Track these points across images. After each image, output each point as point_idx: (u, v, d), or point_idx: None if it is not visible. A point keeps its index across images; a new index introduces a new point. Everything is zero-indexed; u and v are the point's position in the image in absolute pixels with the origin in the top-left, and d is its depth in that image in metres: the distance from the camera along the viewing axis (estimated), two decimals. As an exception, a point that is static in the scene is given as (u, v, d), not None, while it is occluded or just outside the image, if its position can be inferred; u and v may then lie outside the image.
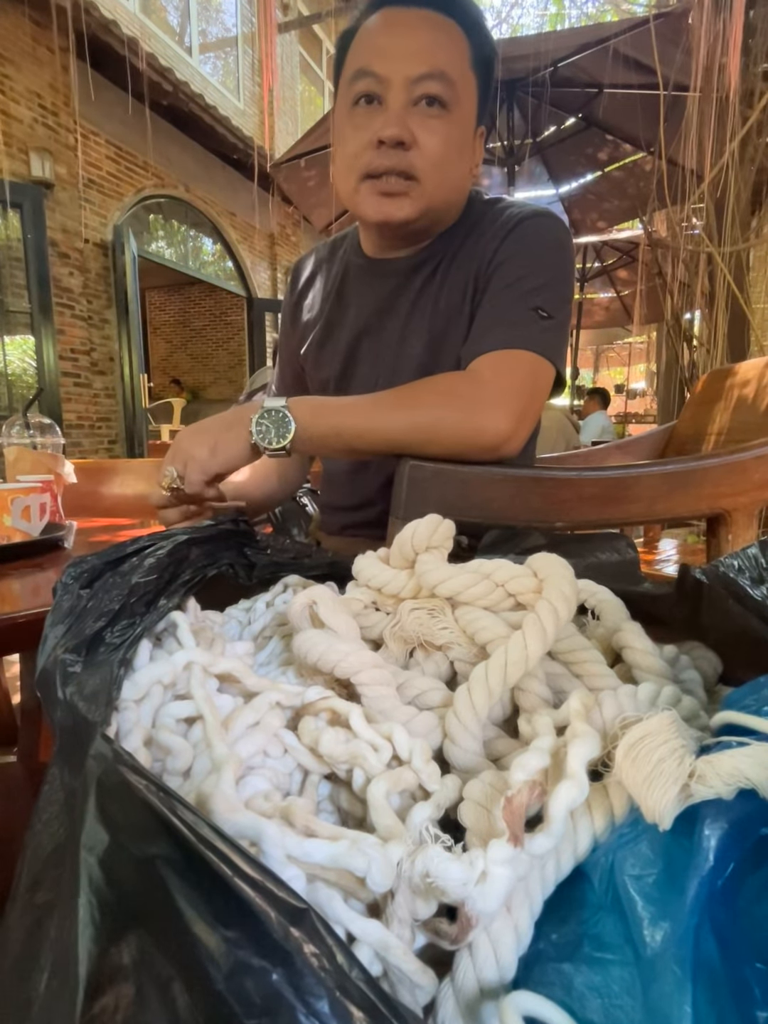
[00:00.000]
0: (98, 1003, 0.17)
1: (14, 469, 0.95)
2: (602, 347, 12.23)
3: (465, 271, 0.79)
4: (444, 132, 0.71)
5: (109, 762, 0.22)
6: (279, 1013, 0.16)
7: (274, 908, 0.17)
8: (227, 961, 0.17)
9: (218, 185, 6.78)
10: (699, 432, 1.34)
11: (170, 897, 0.18)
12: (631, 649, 0.38)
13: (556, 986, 0.22)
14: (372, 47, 0.71)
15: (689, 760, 0.24)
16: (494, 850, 0.23)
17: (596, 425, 5.35)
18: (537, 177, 4.16)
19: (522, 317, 0.72)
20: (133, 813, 0.20)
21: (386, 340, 0.85)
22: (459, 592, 0.38)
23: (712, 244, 2.96)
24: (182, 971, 0.17)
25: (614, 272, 6.37)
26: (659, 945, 0.19)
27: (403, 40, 0.70)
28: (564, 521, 0.68)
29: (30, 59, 4.53)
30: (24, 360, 4.87)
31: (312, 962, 0.17)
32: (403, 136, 0.69)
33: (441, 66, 0.69)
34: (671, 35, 2.64)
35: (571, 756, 0.27)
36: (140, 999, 0.17)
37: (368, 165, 0.72)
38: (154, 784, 0.20)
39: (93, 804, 0.21)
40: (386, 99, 0.70)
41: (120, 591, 0.35)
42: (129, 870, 0.19)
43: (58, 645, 0.31)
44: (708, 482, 0.74)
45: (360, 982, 0.17)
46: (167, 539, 0.41)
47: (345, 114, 0.74)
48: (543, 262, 0.75)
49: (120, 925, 0.18)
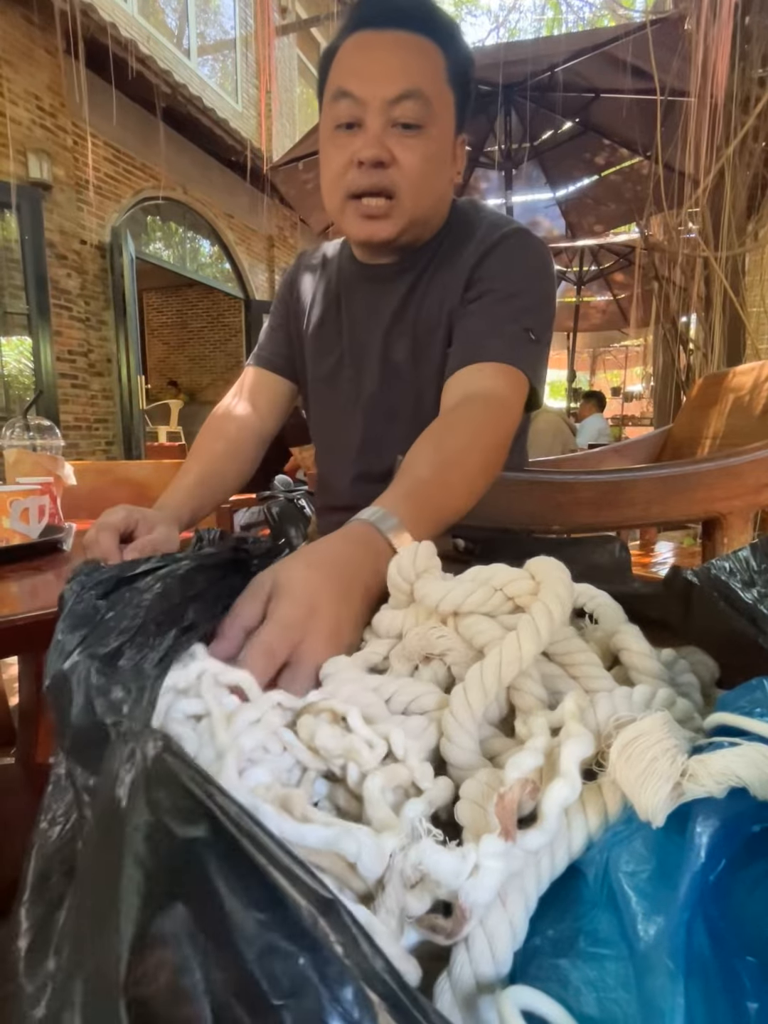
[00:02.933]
0: (144, 963, 0.18)
1: (14, 471, 0.96)
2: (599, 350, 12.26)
3: (449, 277, 0.81)
4: (422, 150, 0.73)
5: (157, 750, 0.23)
6: (305, 996, 0.17)
7: (304, 897, 0.18)
8: (258, 942, 0.17)
9: (216, 187, 6.80)
10: (695, 436, 1.35)
11: (208, 878, 0.19)
12: (628, 651, 0.38)
13: (553, 981, 0.22)
14: (349, 68, 0.73)
15: (682, 759, 0.25)
16: (486, 844, 0.24)
17: (592, 428, 5.37)
18: (534, 181, 4.18)
19: (516, 336, 0.74)
20: (177, 798, 0.21)
21: (371, 346, 0.87)
22: (461, 603, 0.38)
23: (708, 248, 2.98)
24: (218, 946, 0.18)
25: (611, 275, 6.40)
26: (652, 939, 0.20)
27: (378, 61, 0.72)
28: (560, 524, 0.69)
29: (28, 61, 4.53)
30: (21, 361, 4.87)
31: (338, 950, 0.17)
32: (381, 156, 0.71)
33: (417, 85, 0.71)
34: (668, 40, 2.65)
35: (564, 755, 0.28)
36: (182, 965, 0.18)
37: (350, 184, 0.74)
38: (197, 773, 0.21)
39: (143, 789, 0.22)
40: (364, 121, 0.72)
41: (138, 610, 0.36)
42: (171, 850, 0.20)
43: (76, 650, 0.32)
44: (703, 486, 0.75)
45: (384, 973, 0.17)
46: (178, 563, 0.42)
47: (328, 135, 0.76)
48: (534, 285, 0.78)
49: (162, 899, 0.19)
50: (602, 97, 3.24)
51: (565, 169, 4.03)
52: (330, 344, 0.91)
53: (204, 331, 9.92)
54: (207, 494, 0.85)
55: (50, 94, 4.72)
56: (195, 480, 0.85)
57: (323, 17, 6.21)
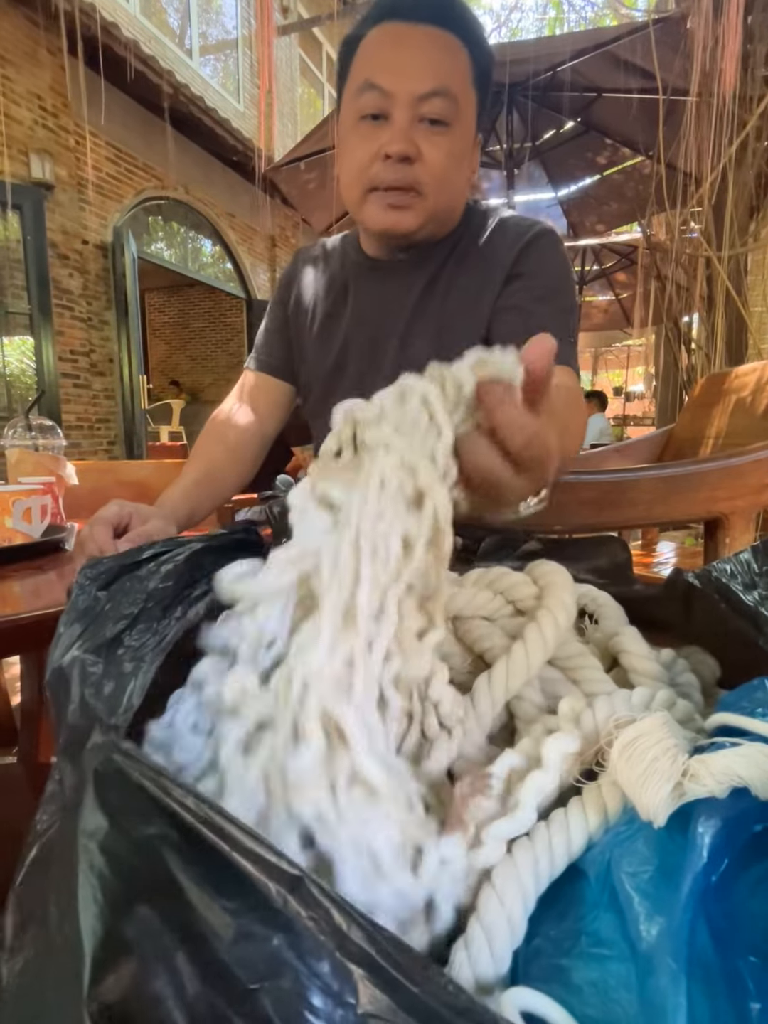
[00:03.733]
0: (105, 978, 0.18)
1: (16, 471, 0.96)
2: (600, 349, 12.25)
3: (478, 274, 0.81)
4: (447, 147, 0.73)
5: (106, 751, 0.23)
6: (282, 976, 0.17)
7: (270, 877, 0.18)
8: (229, 931, 0.17)
9: (218, 187, 6.80)
10: (697, 436, 1.35)
11: (170, 874, 0.19)
12: (627, 653, 0.38)
13: (554, 982, 0.22)
14: (378, 61, 0.73)
15: (683, 759, 0.25)
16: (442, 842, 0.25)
17: (595, 428, 5.36)
18: (536, 180, 4.17)
19: (562, 336, 0.75)
20: (130, 798, 0.21)
21: (383, 340, 0.86)
22: (461, 608, 0.38)
23: (710, 248, 2.97)
24: (186, 943, 0.18)
25: (613, 275, 6.38)
26: (654, 939, 0.20)
27: (409, 57, 0.71)
28: (562, 525, 0.69)
29: (31, 61, 4.53)
30: (23, 361, 4.88)
31: (310, 925, 0.17)
32: (409, 152, 0.71)
33: (445, 83, 0.71)
34: (670, 40, 2.65)
35: (545, 747, 0.28)
36: (146, 971, 0.17)
37: (375, 178, 0.74)
38: (149, 768, 0.21)
39: (91, 791, 0.22)
40: (392, 114, 0.72)
41: (138, 595, 0.35)
42: (129, 851, 0.20)
43: (74, 644, 0.31)
44: (706, 486, 0.74)
45: (359, 940, 0.17)
46: (182, 546, 0.42)
47: (351, 124, 0.76)
48: (568, 287, 0.80)
49: (123, 904, 0.19)
50: (604, 96, 3.23)
51: (567, 168, 4.02)
52: (335, 338, 0.90)
53: (206, 331, 9.92)
54: (205, 496, 0.85)
55: (52, 94, 4.72)
56: (193, 482, 0.85)
57: (324, 17, 6.20)
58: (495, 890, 0.25)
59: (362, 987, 0.16)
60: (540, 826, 0.27)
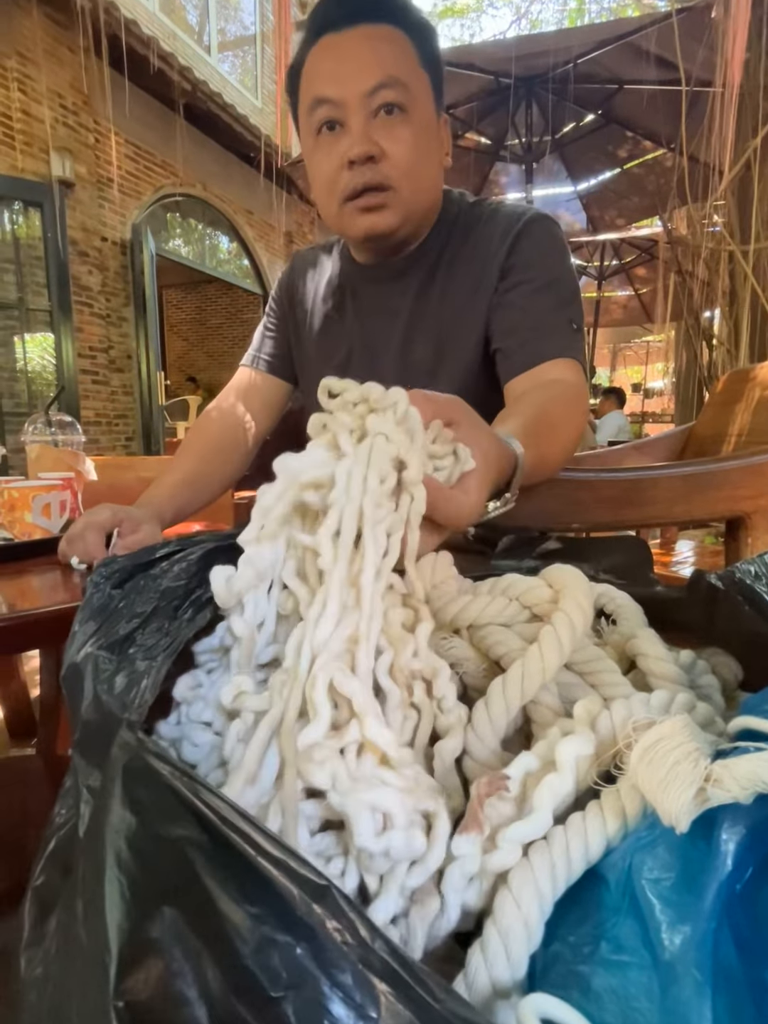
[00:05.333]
0: (131, 976, 0.18)
1: (36, 466, 0.97)
2: (619, 345, 12.12)
3: (472, 270, 0.80)
4: (409, 137, 0.72)
5: (134, 750, 0.23)
6: (304, 986, 0.17)
7: (297, 885, 0.18)
8: (253, 936, 0.17)
9: (235, 183, 6.82)
10: (719, 433, 1.33)
11: (197, 876, 0.19)
12: (645, 656, 0.38)
13: (573, 988, 0.22)
14: (321, 75, 0.72)
15: (705, 763, 0.24)
16: (454, 841, 0.26)
17: (613, 425, 5.31)
18: (555, 174, 4.13)
19: (563, 327, 0.74)
20: (159, 797, 0.21)
21: (385, 345, 0.85)
22: (476, 616, 0.38)
23: (734, 242, 2.92)
24: (211, 946, 0.18)
25: (632, 270, 6.31)
26: (678, 949, 0.19)
27: (348, 59, 0.71)
28: (580, 523, 0.68)
29: (51, 59, 4.57)
30: (44, 358, 4.93)
31: (335, 936, 0.17)
32: (371, 151, 0.71)
33: (390, 72, 0.70)
34: (694, 30, 2.60)
35: (559, 750, 0.28)
36: (172, 972, 0.17)
37: (346, 187, 0.73)
38: (178, 769, 0.21)
39: (119, 789, 0.22)
40: (346, 121, 0.72)
41: (151, 594, 0.36)
42: (156, 851, 0.20)
43: (89, 641, 0.32)
44: (728, 484, 0.73)
45: (383, 953, 0.17)
46: (196, 545, 0.42)
47: (312, 145, 0.76)
48: (567, 271, 0.78)
49: (150, 903, 0.19)
50: (626, 88, 3.19)
51: (587, 162, 3.98)
52: (336, 345, 0.90)
53: (223, 327, 9.98)
54: (191, 495, 0.86)
55: (72, 92, 4.76)
56: (180, 479, 0.86)
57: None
58: (511, 893, 0.25)
59: (384, 1002, 0.16)
60: (557, 829, 0.27)
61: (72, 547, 0.70)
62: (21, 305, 4.65)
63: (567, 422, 0.64)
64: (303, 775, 0.27)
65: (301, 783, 0.27)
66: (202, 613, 0.38)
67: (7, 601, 0.62)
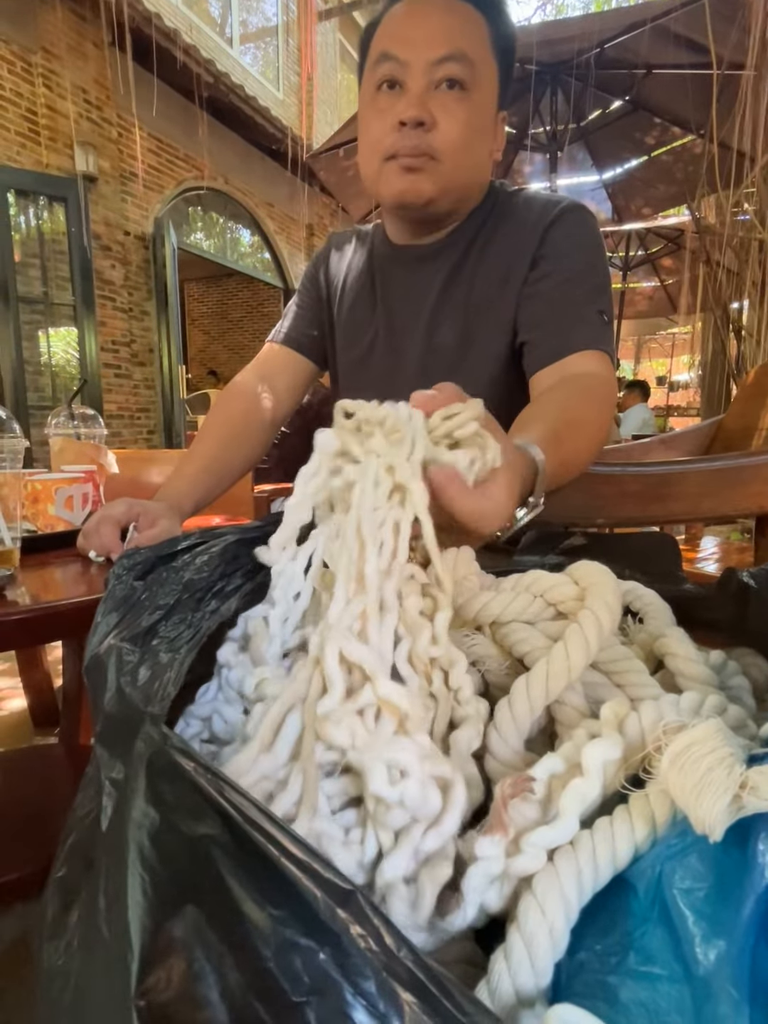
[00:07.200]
0: (153, 974, 0.17)
1: (59, 459, 0.98)
2: (644, 337, 11.91)
3: (503, 259, 0.79)
4: (464, 114, 0.72)
5: (159, 745, 0.22)
6: (326, 992, 0.16)
7: (321, 889, 0.18)
8: (275, 939, 0.17)
9: (256, 176, 6.82)
10: (748, 427, 1.30)
11: (220, 876, 0.18)
12: (674, 656, 0.37)
13: (600, 999, 0.21)
14: (393, 33, 0.73)
15: (739, 770, 0.24)
16: (476, 844, 0.25)
17: (637, 418, 5.23)
18: (580, 163, 4.06)
19: (593, 319, 0.73)
20: (183, 794, 0.21)
21: (410, 329, 0.85)
22: (499, 613, 0.37)
23: (764, 230, 2.85)
24: (233, 947, 0.17)
25: (658, 260, 6.18)
26: (713, 964, 0.19)
27: (423, 25, 0.71)
28: (605, 518, 0.67)
29: (76, 54, 4.61)
30: (68, 352, 5.00)
31: (359, 943, 0.17)
32: (423, 116, 0.71)
33: (460, 47, 0.70)
34: (727, 11, 2.52)
35: (586, 754, 0.27)
36: (194, 972, 0.17)
37: (391, 147, 0.73)
38: (203, 767, 0.21)
39: (143, 784, 0.22)
40: (407, 83, 0.72)
41: (174, 586, 0.36)
42: (179, 849, 0.20)
43: (111, 633, 0.32)
44: (758, 479, 0.71)
45: (408, 962, 0.17)
46: (218, 537, 0.42)
47: (368, 100, 0.76)
48: (599, 262, 0.77)
49: (172, 901, 0.19)
50: (654, 73, 3.11)
51: (613, 150, 3.90)
52: (364, 327, 0.89)
53: (244, 321, 10.02)
54: (212, 482, 0.85)
55: (96, 87, 4.79)
56: (200, 467, 0.85)
57: (366, 0, 6.13)
58: (536, 899, 0.24)
59: (408, 1012, 0.16)
60: (584, 834, 0.26)
61: (88, 541, 0.71)
62: (46, 300, 4.71)
63: (593, 419, 0.63)
64: (322, 736, 0.27)
65: (322, 747, 0.27)
66: (226, 605, 0.38)
67: (30, 592, 0.63)
